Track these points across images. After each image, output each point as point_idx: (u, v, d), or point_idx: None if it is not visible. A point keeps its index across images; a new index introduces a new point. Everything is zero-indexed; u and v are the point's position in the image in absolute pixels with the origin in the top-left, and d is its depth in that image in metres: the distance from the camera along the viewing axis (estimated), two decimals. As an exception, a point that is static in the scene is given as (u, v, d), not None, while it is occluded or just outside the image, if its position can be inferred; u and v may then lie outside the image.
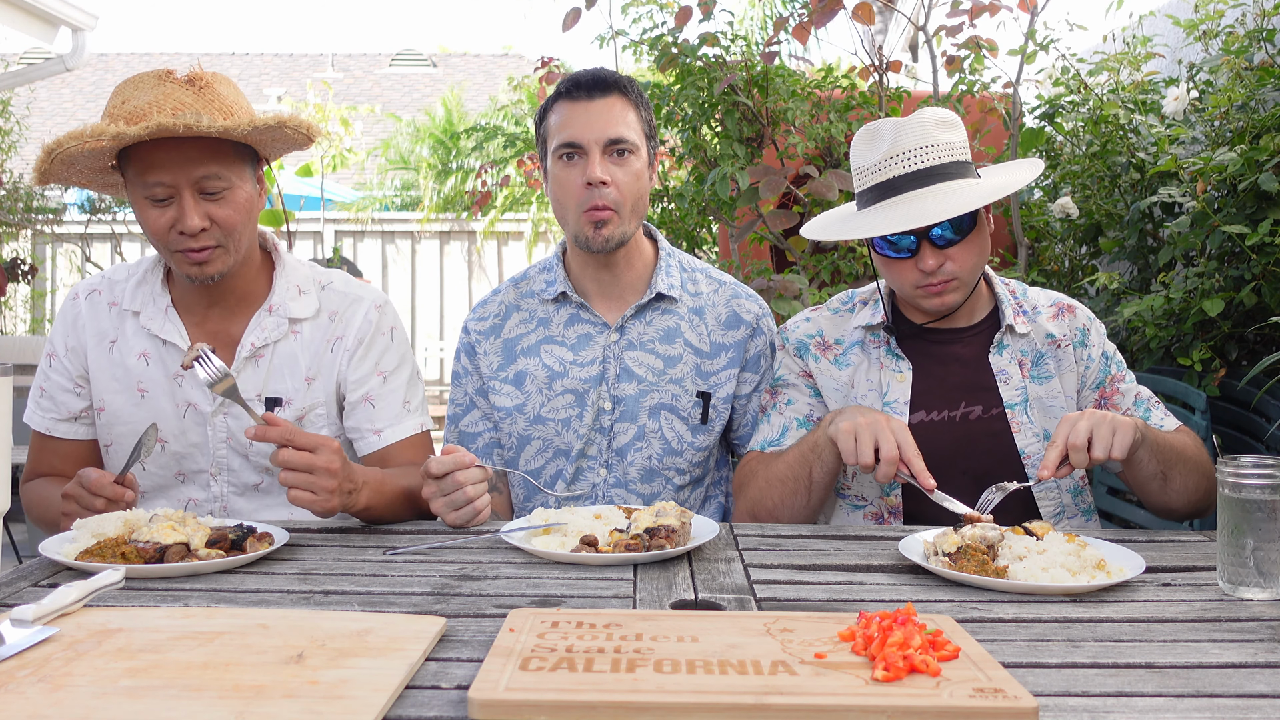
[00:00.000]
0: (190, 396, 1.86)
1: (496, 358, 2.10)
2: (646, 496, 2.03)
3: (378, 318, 1.94)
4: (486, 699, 0.90)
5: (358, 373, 1.91)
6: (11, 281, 7.19)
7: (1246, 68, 2.77)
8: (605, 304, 2.08)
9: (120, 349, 1.87)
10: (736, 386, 2.08)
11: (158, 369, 1.86)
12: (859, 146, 1.88)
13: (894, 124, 1.83)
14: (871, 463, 1.61)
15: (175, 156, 1.69)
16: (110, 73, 19.40)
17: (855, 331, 1.96)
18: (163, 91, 1.70)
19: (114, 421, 1.88)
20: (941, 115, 1.82)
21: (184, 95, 1.71)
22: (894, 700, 0.90)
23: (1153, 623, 1.20)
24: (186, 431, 1.86)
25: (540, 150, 2.08)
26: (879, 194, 1.81)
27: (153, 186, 1.70)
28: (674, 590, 1.34)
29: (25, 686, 0.94)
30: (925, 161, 1.78)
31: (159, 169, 1.69)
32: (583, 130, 1.95)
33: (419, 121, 14.03)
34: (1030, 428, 1.85)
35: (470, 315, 2.17)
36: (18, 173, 9.24)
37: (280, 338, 1.88)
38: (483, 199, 5.30)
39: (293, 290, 1.91)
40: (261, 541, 1.47)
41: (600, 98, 1.97)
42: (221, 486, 1.89)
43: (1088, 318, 1.95)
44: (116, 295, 1.90)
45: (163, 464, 1.88)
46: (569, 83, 2.00)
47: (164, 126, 1.62)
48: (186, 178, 1.70)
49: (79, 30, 6.36)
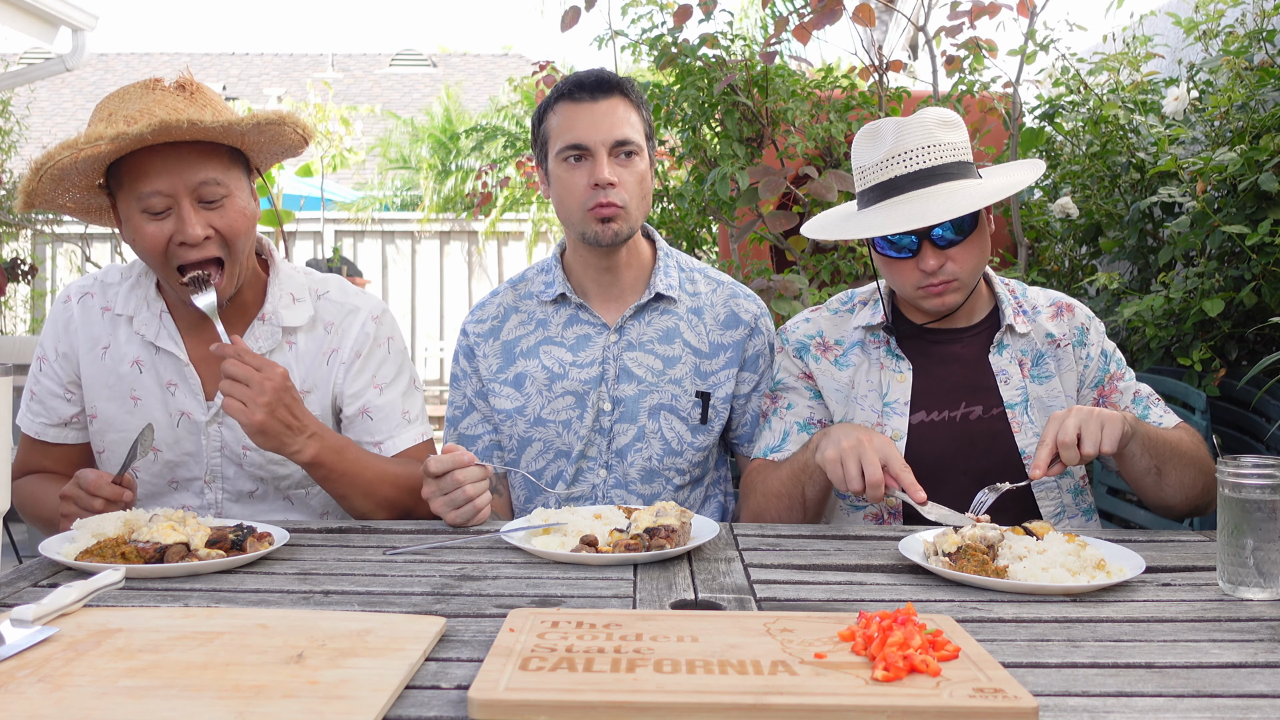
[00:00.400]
0: (184, 405, 1.82)
1: (496, 360, 2.09)
2: (647, 497, 2.03)
3: (375, 329, 1.91)
4: (486, 699, 0.90)
5: (354, 386, 1.88)
6: (11, 281, 7.19)
7: (1246, 68, 2.77)
8: (604, 305, 2.08)
9: (112, 356, 1.83)
10: (735, 386, 2.08)
11: (150, 377, 1.83)
12: (860, 146, 1.87)
13: (896, 123, 1.82)
14: (860, 488, 1.60)
15: (171, 163, 1.63)
16: (110, 73, 19.40)
17: (855, 332, 1.96)
18: (152, 98, 1.65)
19: (106, 429, 1.85)
20: (943, 115, 1.82)
21: (175, 100, 1.66)
22: (894, 700, 0.90)
23: (1153, 623, 1.20)
24: (180, 440, 1.84)
25: (538, 151, 2.06)
26: (880, 193, 1.81)
27: (149, 197, 1.64)
28: (674, 590, 1.34)
29: (25, 686, 0.94)
30: (927, 161, 1.78)
31: (155, 176, 1.63)
32: (589, 132, 1.93)
33: (418, 122, 14.03)
34: (1031, 427, 1.85)
35: (468, 318, 2.16)
36: (18, 173, 9.24)
37: (274, 348, 1.84)
38: (484, 200, 5.30)
39: (286, 298, 1.87)
40: (261, 541, 1.47)
41: (604, 99, 1.95)
42: (216, 494, 1.87)
43: (1086, 316, 1.95)
44: (109, 299, 1.85)
45: (156, 472, 1.86)
46: (570, 84, 1.98)
47: (166, 123, 1.56)
48: (184, 184, 1.64)
49: (79, 30, 6.36)
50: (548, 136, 2.00)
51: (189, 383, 1.83)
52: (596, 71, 2.00)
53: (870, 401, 1.91)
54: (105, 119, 1.64)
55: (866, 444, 1.61)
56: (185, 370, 1.82)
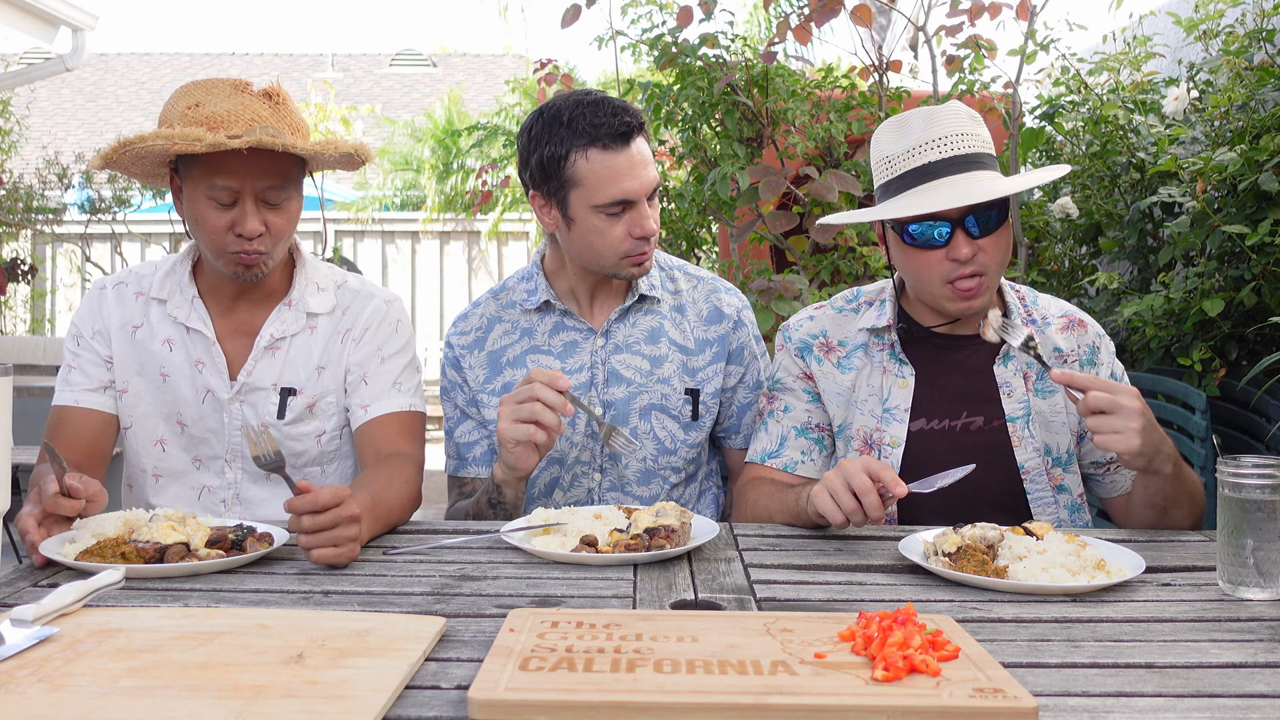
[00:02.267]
0: (209, 383, 1.92)
1: (482, 371, 2.08)
2: (644, 498, 2.03)
3: (385, 310, 2.01)
4: (486, 699, 0.90)
5: (359, 354, 1.96)
6: (11, 281, 7.20)
7: (1246, 68, 2.77)
8: (589, 310, 2.07)
9: (144, 334, 1.93)
10: (723, 380, 2.08)
11: (181, 354, 1.92)
12: (885, 137, 1.82)
13: (926, 112, 1.78)
14: (854, 504, 1.53)
15: (250, 166, 1.75)
16: (110, 73, 19.40)
17: (859, 334, 1.92)
18: (240, 102, 1.77)
19: (136, 403, 1.94)
20: (970, 109, 1.79)
21: (260, 108, 1.77)
22: (894, 700, 0.90)
23: (1153, 623, 1.20)
24: (205, 417, 1.93)
25: (550, 185, 1.92)
26: (913, 179, 1.75)
27: (220, 190, 1.76)
28: (674, 590, 1.34)
29: (25, 686, 0.94)
30: (962, 148, 1.74)
31: (229, 175, 1.75)
32: (634, 186, 1.87)
33: (418, 123, 14.03)
34: (1031, 442, 1.81)
35: (452, 330, 2.14)
36: (18, 173, 9.24)
37: (298, 331, 1.95)
38: (484, 198, 5.30)
39: (311, 287, 1.98)
40: (261, 542, 1.47)
41: (634, 141, 1.89)
42: (236, 473, 1.95)
43: (1098, 335, 1.90)
44: (143, 286, 1.97)
45: (182, 446, 1.94)
46: (596, 130, 1.86)
47: (264, 143, 1.70)
48: (253, 186, 1.77)
49: (79, 30, 6.36)
50: (577, 182, 1.88)
51: (215, 361, 1.92)
52: (616, 110, 1.89)
53: (870, 406, 1.88)
54: (193, 110, 1.75)
55: (843, 467, 1.55)
56: (213, 349, 1.91)
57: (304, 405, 1.93)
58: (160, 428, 1.93)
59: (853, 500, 1.53)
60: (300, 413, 1.92)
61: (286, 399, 1.92)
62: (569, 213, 1.92)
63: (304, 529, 1.41)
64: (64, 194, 9.78)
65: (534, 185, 1.97)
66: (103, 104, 18.36)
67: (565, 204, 1.92)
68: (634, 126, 1.90)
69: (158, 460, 1.94)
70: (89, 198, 9.23)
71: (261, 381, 1.91)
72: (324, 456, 1.98)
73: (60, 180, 9.28)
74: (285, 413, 1.92)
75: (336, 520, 1.41)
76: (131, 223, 10.17)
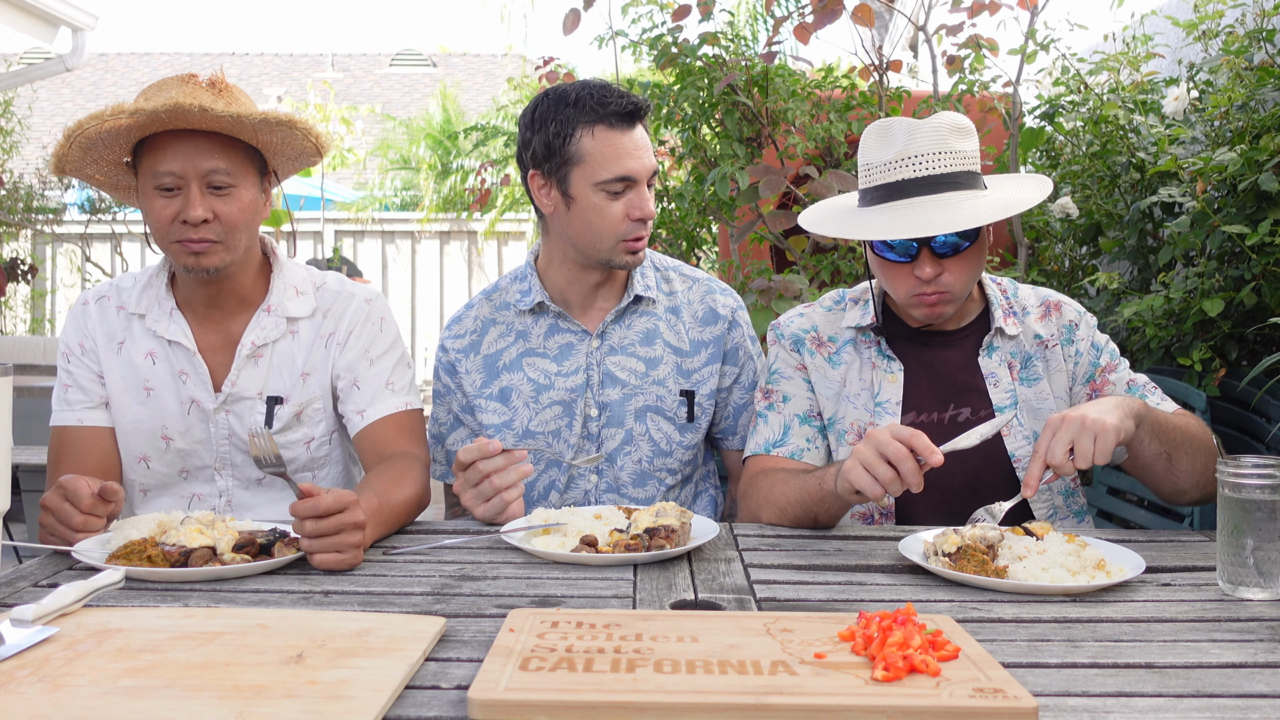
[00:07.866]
0: (194, 394, 1.91)
1: (479, 375, 2.07)
2: (640, 500, 2.03)
3: (368, 309, 1.98)
4: (486, 699, 0.90)
5: (346, 359, 1.95)
6: (11, 281, 7.20)
7: (1246, 68, 2.77)
8: (584, 311, 2.06)
9: (128, 349, 1.93)
10: (719, 380, 2.08)
11: (164, 367, 1.91)
12: (870, 142, 1.84)
13: (909, 125, 1.79)
14: (893, 474, 1.50)
15: (187, 148, 1.76)
16: (110, 73, 19.41)
17: (847, 331, 1.96)
18: (184, 90, 1.78)
19: (119, 419, 1.93)
20: (958, 121, 1.79)
21: (200, 92, 1.78)
22: (894, 700, 0.90)
23: (1153, 623, 1.20)
24: (191, 429, 1.92)
25: (552, 162, 1.94)
26: (885, 194, 1.79)
27: (162, 176, 1.77)
28: (674, 590, 1.34)
29: (25, 686, 0.94)
30: (936, 168, 1.76)
31: (170, 158, 1.76)
32: (637, 166, 1.91)
33: (417, 123, 14.03)
34: (1020, 430, 1.84)
35: (445, 333, 2.13)
36: (18, 173, 9.24)
37: (279, 337, 1.93)
38: (482, 197, 5.29)
39: (290, 291, 1.96)
40: (290, 546, 1.45)
41: (639, 124, 1.93)
42: (226, 481, 1.94)
43: (1076, 312, 1.94)
44: (124, 300, 1.96)
45: (168, 461, 1.93)
46: (604, 108, 1.90)
47: (180, 105, 1.69)
48: (195, 169, 1.76)
49: (79, 30, 6.36)
50: (580, 159, 1.91)
51: (198, 372, 1.91)
52: (622, 93, 1.93)
53: (862, 400, 1.90)
54: (141, 102, 1.77)
55: (873, 436, 1.54)
56: (194, 360, 1.90)
57: (291, 413, 1.92)
58: (143, 445, 1.92)
59: (889, 469, 1.50)
60: (288, 421, 1.92)
61: (273, 408, 1.91)
62: (570, 190, 1.94)
63: (307, 534, 1.41)
64: (64, 194, 9.78)
65: (534, 164, 1.97)
66: (103, 104, 18.13)
67: (566, 182, 1.94)
68: (640, 109, 1.93)
69: (143, 476, 1.94)
70: (89, 198, 9.22)
71: (247, 391, 1.90)
72: (314, 462, 1.97)
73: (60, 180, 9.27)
74: (273, 421, 1.91)
75: (340, 526, 1.41)
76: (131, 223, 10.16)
